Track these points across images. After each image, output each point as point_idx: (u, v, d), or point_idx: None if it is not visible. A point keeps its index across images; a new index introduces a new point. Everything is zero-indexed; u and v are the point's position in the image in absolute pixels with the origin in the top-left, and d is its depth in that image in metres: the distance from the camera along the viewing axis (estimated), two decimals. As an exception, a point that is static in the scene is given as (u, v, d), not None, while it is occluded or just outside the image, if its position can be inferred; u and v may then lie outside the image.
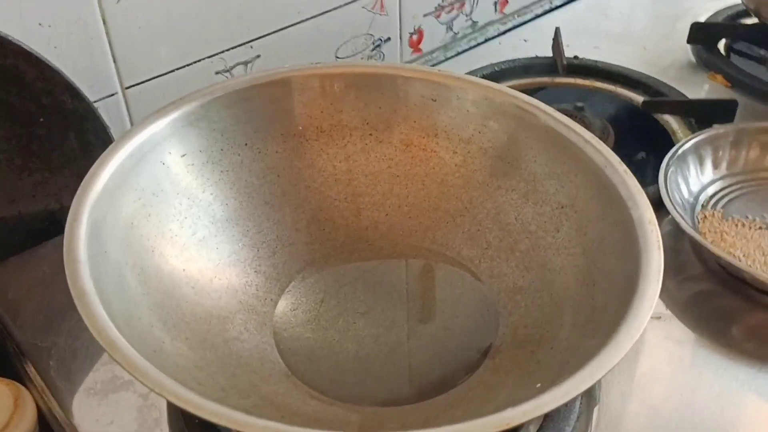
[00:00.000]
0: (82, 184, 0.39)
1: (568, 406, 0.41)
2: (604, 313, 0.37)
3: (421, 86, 0.49)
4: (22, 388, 0.50)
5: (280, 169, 0.49)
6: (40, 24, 0.54)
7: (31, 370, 0.48)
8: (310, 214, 0.50)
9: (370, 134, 0.51)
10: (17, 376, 0.52)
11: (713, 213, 0.56)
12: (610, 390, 0.45)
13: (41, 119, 0.53)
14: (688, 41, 0.77)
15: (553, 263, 0.44)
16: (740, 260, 0.51)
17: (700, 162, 0.58)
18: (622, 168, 0.42)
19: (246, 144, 0.48)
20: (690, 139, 0.58)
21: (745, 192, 0.58)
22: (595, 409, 0.44)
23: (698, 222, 0.55)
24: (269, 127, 0.49)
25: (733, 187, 0.58)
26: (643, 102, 0.67)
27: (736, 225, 0.55)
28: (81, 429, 0.43)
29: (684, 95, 0.68)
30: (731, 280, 0.51)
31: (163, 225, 0.43)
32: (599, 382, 0.41)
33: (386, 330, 0.45)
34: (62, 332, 0.49)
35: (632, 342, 0.33)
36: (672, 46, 0.79)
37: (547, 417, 0.40)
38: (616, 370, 0.34)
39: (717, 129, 0.59)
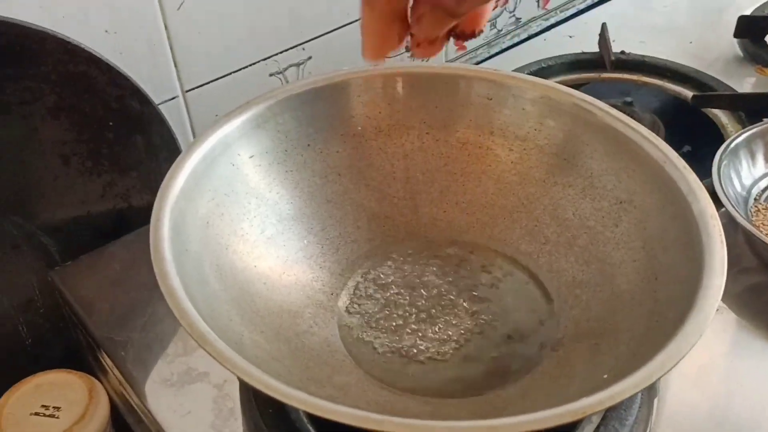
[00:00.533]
0: (161, 186, 0.41)
1: (630, 397, 0.42)
2: (668, 306, 0.38)
3: (479, 85, 0.50)
4: (95, 380, 0.53)
5: (341, 169, 0.51)
6: (106, 31, 0.57)
7: (108, 363, 0.50)
8: (371, 211, 0.51)
9: (427, 133, 0.52)
10: (89, 369, 0.55)
11: (766, 206, 0.56)
12: (669, 382, 0.46)
13: (110, 123, 0.55)
14: (735, 35, 0.77)
15: (613, 258, 0.45)
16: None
17: (752, 156, 0.59)
18: (681, 163, 0.43)
19: (308, 145, 0.50)
20: (742, 133, 0.58)
21: None
22: (656, 400, 0.45)
23: (751, 215, 0.56)
24: (330, 128, 0.51)
25: (786, 181, 0.59)
26: (693, 96, 0.68)
27: (790, 218, 0.55)
28: (159, 419, 0.45)
29: (733, 89, 0.69)
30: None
31: (235, 224, 0.45)
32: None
33: (447, 323, 0.46)
34: (136, 327, 0.51)
35: (700, 334, 0.34)
36: (718, 39, 0.79)
37: (610, 408, 0.42)
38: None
39: (752, 129, 0.59)
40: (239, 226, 0.45)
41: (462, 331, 0.45)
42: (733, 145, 0.57)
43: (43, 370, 0.53)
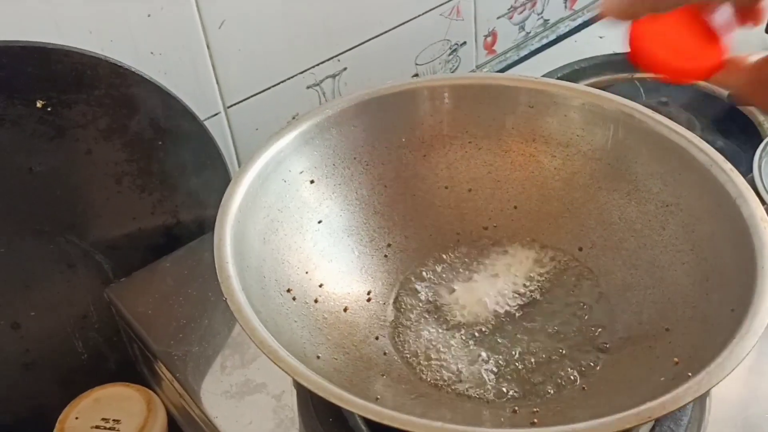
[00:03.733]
0: (221, 205, 0.43)
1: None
2: (721, 308, 0.39)
3: (522, 94, 0.51)
4: (152, 393, 0.54)
5: (387, 180, 0.52)
6: (152, 53, 0.58)
7: (167, 376, 0.52)
8: (418, 221, 0.52)
9: (470, 142, 0.53)
10: (145, 382, 0.57)
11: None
12: (721, 384, 0.46)
13: (160, 142, 0.57)
14: (767, 30, 0.76)
15: (661, 260, 0.45)
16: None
17: None
18: (727, 166, 0.44)
19: (354, 158, 0.51)
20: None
21: None
22: (708, 400, 0.45)
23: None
24: (374, 141, 0.52)
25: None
26: (729, 94, 0.68)
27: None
28: (222, 429, 0.47)
29: (768, 85, 0.68)
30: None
31: (289, 238, 0.46)
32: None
33: (498, 328, 0.47)
34: (193, 340, 0.52)
35: (758, 336, 0.35)
36: (749, 35, 0.78)
37: (667, 409, 0.42)
38: None
39: None
40: (293, 240, 0.47)
41: (515, 337, 0.46)
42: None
43: (98, 384, 0.55)
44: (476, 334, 0.46)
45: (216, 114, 0.64)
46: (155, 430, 0.53)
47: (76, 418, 0.53)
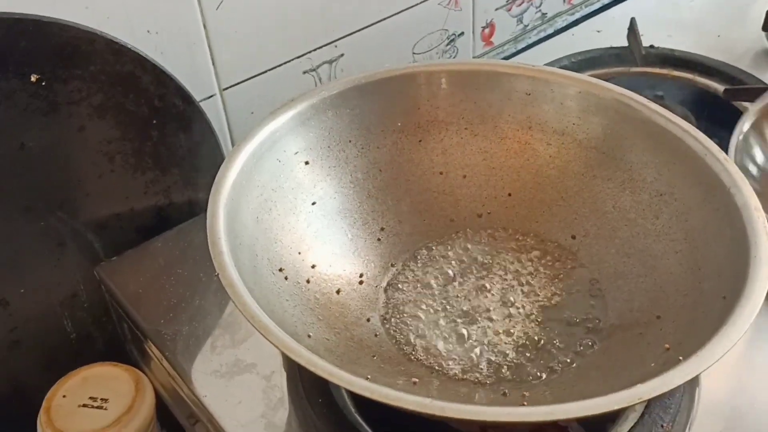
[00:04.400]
0: (215, 182, 0.42)
1: (673, 385, 0.43)
2: (713, 297, 0.39)
3: (519, 81, 0.51)
4: (141, 373, 0.54)
5: (382, 164, 0.52)
6: (148, 31, 0.58)
7: (157, 355, 0.52)
8: (412, 206, 0.52)
9: (466, 128, 0.53)
10: (133, 362, 0.56)
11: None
12: (709, 371, 0.46)
13: (154, 121, 0.56)
14: (764, 28, 0.77)
15: (654, 249, 0.46)
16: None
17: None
18: (722, 156, 0.44)
19: (350, 141, 0.51)
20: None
21: None
22: (697, 389, 0.46)
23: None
24: (370, 125, 0.52)
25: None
26: (725, 90, 0.68)
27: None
28: (211, 409, 0.46)
29: (763, 82, 0.69)
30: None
31: (282, 218, 0.46)
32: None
33: (491, 314, 0.47)
34: (183, 320, 0.52)
35: (749, 322, 0.35)
36: (746, 33, 0.79)
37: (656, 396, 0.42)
38: None
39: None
40: (286, 220, 0.47)
41: (506, 322, 0.46)
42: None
43: (86, 363, 0.54)
44: (468, 317, 0.46)
45: (211, 96, 0.64)
46: (143, 410, 0.52)
47: (64, 396, 0.53)
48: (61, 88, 0.51)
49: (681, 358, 0.34)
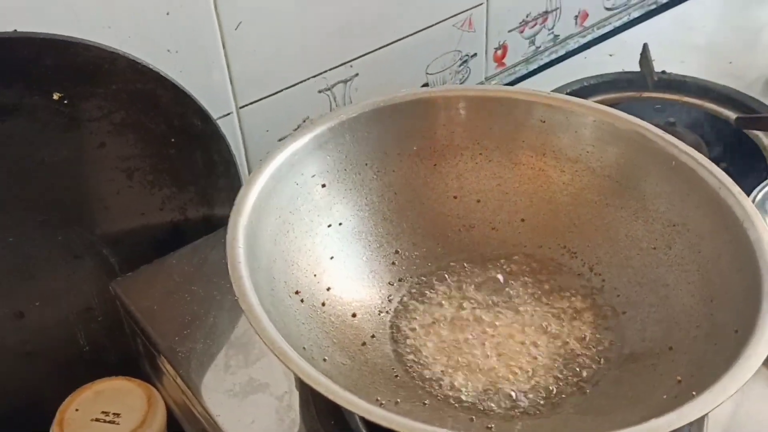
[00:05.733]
0: (235, 205, 0.43)
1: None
2: (726, 329, 0.40)
3: (535, 109, 0.51)
4: (153, 388, 0.55)
5: (397, 187, 0.53)
6: (168, 50, 0.59)
7: (170, 372, 0.52)
8: (426, 229, 0.53)
9: (480, 153, 0.54)
10: (146, 378, 0.57)
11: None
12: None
13: (172, 139, 0.57)
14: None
15: (667, 279, 0.46)
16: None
17: None
18: (736, 189, 0.44)
19: (366, 164, 0.52)
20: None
21: None
22: (706, 418, 0.46)
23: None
24: (386, 149, 0.52)
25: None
26: (737, 118, 0.69)
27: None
28: (224, 428, 0.47)
29: (775, 111, 0.69)
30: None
31: (299, 241, 0.47)
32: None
33: (504, 339, 0.47)
34: (198, 338, 0.53)
35: (763, 357, 0.35)
36: (757, 59, 0.80)
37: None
38: None
39: None
40: (303, 243, 0.47)
41: (518, 351, 0.46)
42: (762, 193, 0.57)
43: (99, 377, 0.55)
44: (481, 346, 0.47)
45: (228, 114, 0.65)
46: (155, 426, 0.53)
47: (77, 409, 0.54)
48: (82, 105, 0.52)
49: (694, 393, 0.34)
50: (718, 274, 0.43)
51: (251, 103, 0.66)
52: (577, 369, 0.45)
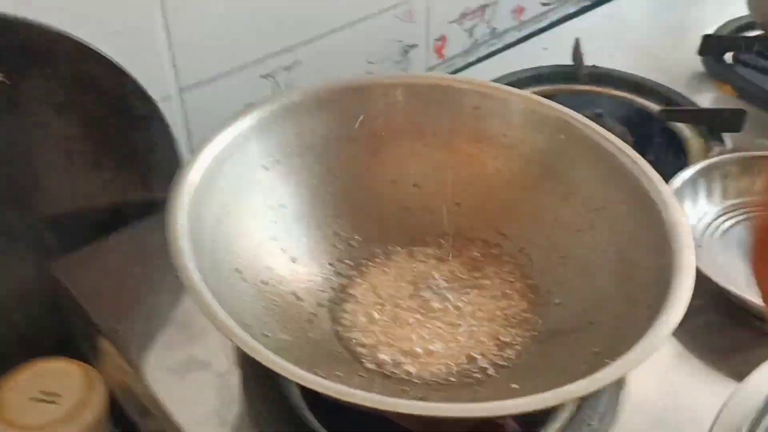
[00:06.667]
0: (176, 185, 0.44)
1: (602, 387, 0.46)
2: (640, 305, 0.42)
3: (470, 96, 0.53)
4: (92, 369, 0.55)
5: (337, 172, 0.54)
6: (110, 32, 0.59)
7: (111, 352, 0.53)
8: (365, 212, 0.54)
9: (418, 140, 0.56)
10: (85, 359, 0.57)
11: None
12: (636, 376, 0.50)
13: (113, 121, 0.57)
14: (699, 52, 0.82)
15: (590, 260, 0.49)
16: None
17: (696, 195, 0.62)
18: (654, 175, 0.47)
19: (308, 148, 0.53)
20: (685, 171, 0.62)
21: (740, 221, 0.62)
22: (623, 392, 0.49)
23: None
24: (328, 133, 0.54)
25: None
26: (660, 110, 0.72)
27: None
28: (165, 405, 0.48)
29: (696, 104, 0.74)
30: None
31: (241, 222, 0.48)
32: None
33: (438, 317, 0.50)
34: (138, 318, 0.53)
35: (671, 329, 0.38)
36: (683, 56, 0.84)
37: (585, 396, 0.46)
38: None
39: (710, 160, 0.63)
40: (244, 224, 0.48)
41: (451, 325, 0.49)
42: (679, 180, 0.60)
43: (37, 358, 0.55)
44: (417, 322, 0.49)
45: (170, 96, 0.65)
46: (95, 405, 0.53)
47: (13, 389, 0.54)
48: (23, 85, 0.52)
49: (607, 361, 0.37)
50: (636, 254, 0.46)
51: (193, 86, 0.66)
52: (507, 344, 0.48)
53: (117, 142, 0.58)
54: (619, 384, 0.49)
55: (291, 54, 0.73)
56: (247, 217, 0.48)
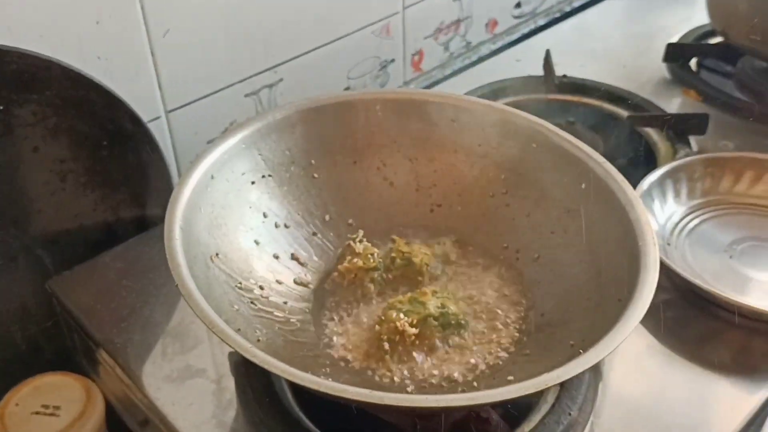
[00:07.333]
0: (170, 201, 0.46)
1: (579, 378, 0.49)
2: (611, 299, 0.45)
3: (446, 109, 0.56)
4: (91, 381, 0.57)
5: (321, 183, 0.57)
6: (98, 57, 0.61)
7: (109, 363, 0.55)
8: (349, 221, 0.57)
9: (398, 151, 0.58)
10: (83, 372, 0.59)
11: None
12: (613, 368, 0.53)
13: (104, 143, 0.60)
14: (664, 60, 0.85)
15: (563, 259, 0.52)
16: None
17: (664, 196, 0.66)
18: (620, 177, 0.50)
19: (293, 162, 0.56)
20: (653, 174, 0.65)
21: (706, 219, 0.66)
22: (600, 384, 0.52)
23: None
24: (311, 147, 0.57)
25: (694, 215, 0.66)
26: (628, 116, 0.76)
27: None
28: (164, 411, 0.50)
29: (662, 110, 0.77)
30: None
31: (232, 233, 0.50)
32: (603, 360, 0.50)
33: (416, 314, 0.51)
34: (134, 330, 0.56)
35: (637, 320, 0.41)
36: (648, 63, 0.87)
37: (564, 387, 0.48)
38: (615, 352, 0.41)
39: (677, 162, 0.67)
40: (235, 235, 0.51)
41: (434, 324, 0.51)
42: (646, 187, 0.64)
43: (36, 374, 0.57)
44: (402, 318, 0.51)
45: (157, 118, 0.68)
46: (95, 416, 0.55)
47: (17, 404, 0.55)
48: (17, 111, 0.54)
49: (581, 351, 0.40)
50: (606, 252, 0.49)
51: (180, 107, 0.69)
52: (489, 339, 0.50)
53: (108, 162, 0.61)
54: (596, 375, 0.51)
55: (274, 72, 0.75)
56: (237, 229, 0.51)
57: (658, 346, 0.56)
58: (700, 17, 0.89)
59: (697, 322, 0.57)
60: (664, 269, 0.57)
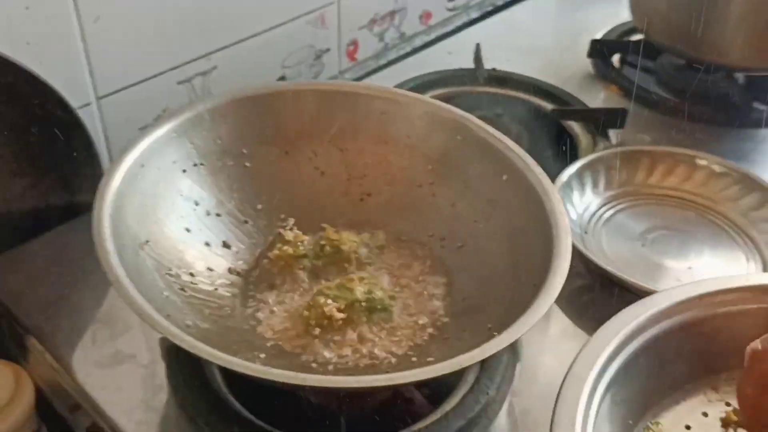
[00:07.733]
0: (99, 188, 0.47)
1: (497, 359, 0.52)
2: (527, 285, 0.48)
3: (376, 102, 0.58)
4: (19, 368, 0.57)
5: (254, 172, 0.58)
6: (28, 43, 0.61)
7: (39, 349, 0.55)
8: (281, 210, 0.58)
9: (329, 141, 0.60)
10: (12, 358, 0.59)
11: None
12: (529, 350, 0.56)
13: (33, 129, 0.59)
14: (588, 55, 0.89)
15: (485, 247, 0.54)
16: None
17: (583, 186, 0.69)
18: (538, 170, 0.53)
19: (225, 151, 0.57)
20: (573, 165, 0.68)
21: (621, 209, 0.69)
22: (518, 364, 0.55)
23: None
24: (243, 136, 0.58)
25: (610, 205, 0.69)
26: (552, 110, 0.79)
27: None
28: (94, 396, 0.51)
29: (585, 104, 0.80)
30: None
31: (161, 221, 0.51)
32: (521, 342, 0.53)
33: (344, 298, 0.53)
34: (64, 316, 0.56)
35: (549, 305, 0.44)
36: (573, 58, 0.91)
37: (483, 368, 0.51)
38: (533, 335, 0.43)
39: (595, 154, 0.70)
40: (165, 223, 0.52)
41: (363, 307, 0.53)
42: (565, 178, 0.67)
43: (-38, 362, 0.57)
44: (330, 303, 0.52)
45: (88, 104, 0.67)
46: (23, 403, 0.55)
47: (-58, 391, 0.55)
48: (-58, 96, 0.53)
49: (495, 334, 0.42)
50: (524, 240, 0.52)
51: (111, 94, 0.69)
52: (414, 322, 0.52)
53: (37, 149, 0.60)
54: (514, 356, 0.54)
55: (207, 60, 0.75)
56: (167, 216, 0.52)
57: (574, 329, 0.59)
58: (625, 14, 0.93)
59: (611, 306, 0.60)
60: (581, 257, 0.61)
